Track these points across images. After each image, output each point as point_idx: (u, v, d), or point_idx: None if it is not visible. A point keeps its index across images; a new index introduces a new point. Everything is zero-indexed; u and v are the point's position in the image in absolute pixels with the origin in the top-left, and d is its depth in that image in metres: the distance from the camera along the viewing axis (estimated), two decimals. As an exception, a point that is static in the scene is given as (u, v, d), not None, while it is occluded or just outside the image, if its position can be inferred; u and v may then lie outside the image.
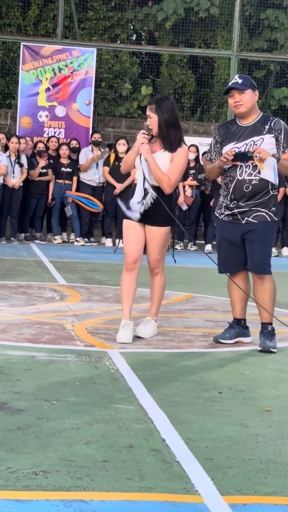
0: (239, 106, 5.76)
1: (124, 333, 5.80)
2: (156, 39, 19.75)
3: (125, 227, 5.96)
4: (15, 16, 18.92)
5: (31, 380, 4.51)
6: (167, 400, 4.25)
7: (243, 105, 5.75)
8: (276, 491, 2.99)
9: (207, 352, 5.64)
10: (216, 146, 5.92)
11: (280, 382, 4.82)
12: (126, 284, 5.92)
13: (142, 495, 2.88)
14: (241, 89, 5.72)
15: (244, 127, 5.80)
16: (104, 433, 3.58)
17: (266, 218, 5.77)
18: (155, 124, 5.83)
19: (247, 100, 5.74)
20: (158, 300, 6.13)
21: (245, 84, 5.74)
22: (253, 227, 5.77)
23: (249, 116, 5.81)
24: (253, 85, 5.80)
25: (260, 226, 5.77)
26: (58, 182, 15.04)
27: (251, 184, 5.72)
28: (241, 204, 5.77)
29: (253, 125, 5.79)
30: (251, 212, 5.77)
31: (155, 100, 5.87)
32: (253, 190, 5.72)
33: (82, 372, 4.79)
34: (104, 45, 18.69)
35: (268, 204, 5.77)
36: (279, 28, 19.40)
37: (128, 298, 5.92)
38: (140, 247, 5.95)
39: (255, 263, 5.80)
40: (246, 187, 5.73)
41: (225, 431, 3.74)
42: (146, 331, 6.02)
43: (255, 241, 5.78)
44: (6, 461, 3.15)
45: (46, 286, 8.67)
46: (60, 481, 2.97)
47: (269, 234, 5.82)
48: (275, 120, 5.78)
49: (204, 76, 20.01)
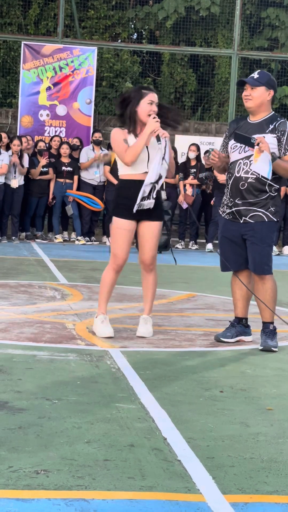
0: (247, 100, 5.78)
1: (107, 328, 5.87)
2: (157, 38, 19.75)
3: (117, 227, 5.89)
4: (16, 15, 18.92)
5: (32, 379, 4.51)
6: (168, 399, 4.24)
7: (252, 100, 5.75)
8: (277, 490, 2.99)
9: (208, 351, 5.64)
10: (225, 140, 5.95)
11: (281, 381, 4.82)
12: (110, 282, 5.94)
13: (144, 494, 2.88)
14: (252, 84, 5.74)
15: (251, 124, 5.81)
16: (105, 432, 3.58)
17: (263, 218, 5.76)
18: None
19: (257, 96, 5.74)
20: (153, 298, 6.13)
21: (259, 80, 5.74)
22: (250, 227, 5.77)
23: (258, 113, 5.80)
24: (268, 84, 5.76)
25: (257, 226, 5.76)
26: (59, 181, 15.04)
27: (246, 182, 5.71)
28: (238, 202, 5.77)
29: (259, 123, 5.79)
30: (248, 212, 5.76)
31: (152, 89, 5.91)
32: (248, 188, 5.71)
33: (83, 371, 4.79)
34: (105, 44, 18.69)
35: (265, 204, 5.75)
36: (280, 26, 19.40)
37: (109, 295, 5.98)
38: (129, 249, 5.94)
39: (254, 263, 5.80)
40: (241, 184, 5.73)
41: (226, 430, 3.74)
42: (148, 330, 6.02)
43: (253, 242, 5.78)
44: (8, 460, 3.16)
45: (47, 285, 8.67)
46: (62, 480, 2.97)
47: (266, 235, 5.80)
48: (281, 121, 5.77)
49: (205, 75, 20.01)
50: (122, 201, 5.88)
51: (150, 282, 6.05)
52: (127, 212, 5.84)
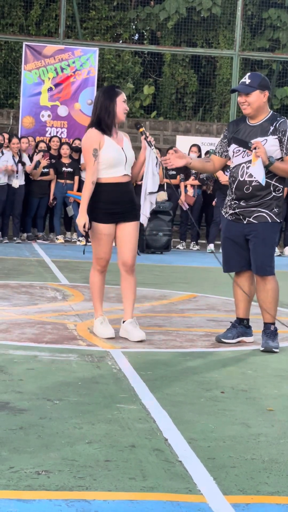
0: (245, 107, 5.75)
1: (107, 328, 5.85)
2: (158, 38, 19.75)
3: (98, 233, 5.80)
4: (17, 16, 18.94)
5: (33, 380, 4.51)
6: (169, 399, 4.24)
7: (249, 106, 5.71)
8: (278, 490, 2.99)
9: (209, 352, 5.64)
10: (223, 141, 5.91)
11: (283, 382, 4.82)
12: (99, 284, 5.93)
13: (145, 495, 2.88)
14: (246, 91, 5.69)
15: (251, 127, 5.78)
16: (106, 433, 3.58)
17: (267, 218, 5.76)
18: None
19: (253, 101, 5.70)
20: (134, 300, 5.99)
21: (252, 85, 5.68)
22: (253, 228, 5.77)
23: (257, 116, 5.78)
24: (261, 85, 5.69)
25: (260, 227, 5.75)
26: (59, 182, 15.05)
27: (251, 186, 5.71)
28: (242, 204, 5.77)
29: (259, 125, 5.76)
30: (252, 213, 5.76)
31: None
32: (253, 192, 5.71)
33: (85, 372, 4.79)
34: (106, 45, 18.70)
35: (269, 205, 5.75)
36: (281, 27, 19.40)
37: (101, 296, 5.97)
38: (111, 249, 5.90)
39: (256, 264, 5.79)
40: (246, 188, 5.72)
41: (227, 430, 3.73)
42: (141, 332, 5.84)
43: (256, 242, 5.77)
44: (9, 460, 3.16)
45: (49, 286, 8.68)
46: (63, 480, 2.97)
47: (269, 235, 5.79)
48: (281, 121, 5.74)
49: (206, 76, 20.01)
50: (100, 205, 5.75)
51: (132, 283, 5.92)
52: (106, 216, 5.76)
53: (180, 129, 18.75)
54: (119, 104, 5.75)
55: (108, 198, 5.74)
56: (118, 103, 5.74)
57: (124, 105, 5.79)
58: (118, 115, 5.77)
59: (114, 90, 5.80)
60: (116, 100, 5.73)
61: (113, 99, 5.73)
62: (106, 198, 5.74)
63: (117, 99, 5.74)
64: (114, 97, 5.73)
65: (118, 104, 5.74)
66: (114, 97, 5.73)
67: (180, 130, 18.72)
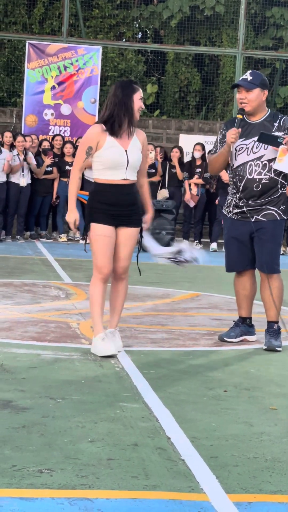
0: (244, 104, 5.74)
1: (110, 345, 5.23)
2: (162, 37, 19.74)
3: (97, 234, 5.35)
4: (20, 14, 18.93)
5: (36, 379, 4.52)
6: (172, 398, 4.24)
7: (248, 103, 5.72)
8: (281, 489, 2.99)
9: (212, 351, 5.64)
10: (222, 140, 5.87)
11: (285, 381, 4.81)
12: (101, 297, 5.32)
13: (147, 493, 2.88)
14: (248, 87, 5.70)
15: (252, 124, 5.78)
16: (109, 431, 3.59)
17: (276, 216, 5.76)
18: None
19: (253, 99, 5.70)
20: (122, 308, 5.54)
21: (253, 82, 5.70)
22: (262, 226, 5.76)
23: (256, 114, 5.79)
24: (262, 84, 5.71)
25: (269, 224, 5.76)
26: (62, 180, 15.04)
27: (261, 183, 5.71)
28: (251, 202, 5.76)
29: (260, 122, 5.78)
30: (261, 211, 5.76)
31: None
32: (263, 189, 5.71)
33: (88, 371, 4.79)
34: (110, 43, 18.69)
35: (277, 202, 5.77)
36: (285, 26, 19.37)
37: (102, 311, 5.34)
38: (113, 256, 5.39)
39: (265, 262, 5.78)
40: (256, 186, 5.71)
41: (230, 429, 3.73)
42: (118, 344, 5.38)
43: (265, 240, 5.77)
44: (11, 459, 3.16)
45: (51, 284, 8.68)
46: (65, 479, 2.97)
47: (278, 233, 5.82)
48: (284, 118, 5.77)
49: (209, 74, 20.00)
50: (100, 206, 5.35)
51: (122, 292, 5.46)
52: (106, 217, 5.33)
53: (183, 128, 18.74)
54: (135, 101, 5.30)
55: (105, 199, 5.35)
56: (135, 100, 5.30)
57: (140, 103, 5.33)
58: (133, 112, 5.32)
59: (132, 85, 5.34)
60: (133, 97, 5.29)
61: (131, 95, 5.29)
62: (103, 199, 5.35)
63: (134, 96, 5.29)
64: (131, 94, 5.29)
65: (134, 101, 5.29)
66: (131, 93, 5.30)
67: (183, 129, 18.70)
